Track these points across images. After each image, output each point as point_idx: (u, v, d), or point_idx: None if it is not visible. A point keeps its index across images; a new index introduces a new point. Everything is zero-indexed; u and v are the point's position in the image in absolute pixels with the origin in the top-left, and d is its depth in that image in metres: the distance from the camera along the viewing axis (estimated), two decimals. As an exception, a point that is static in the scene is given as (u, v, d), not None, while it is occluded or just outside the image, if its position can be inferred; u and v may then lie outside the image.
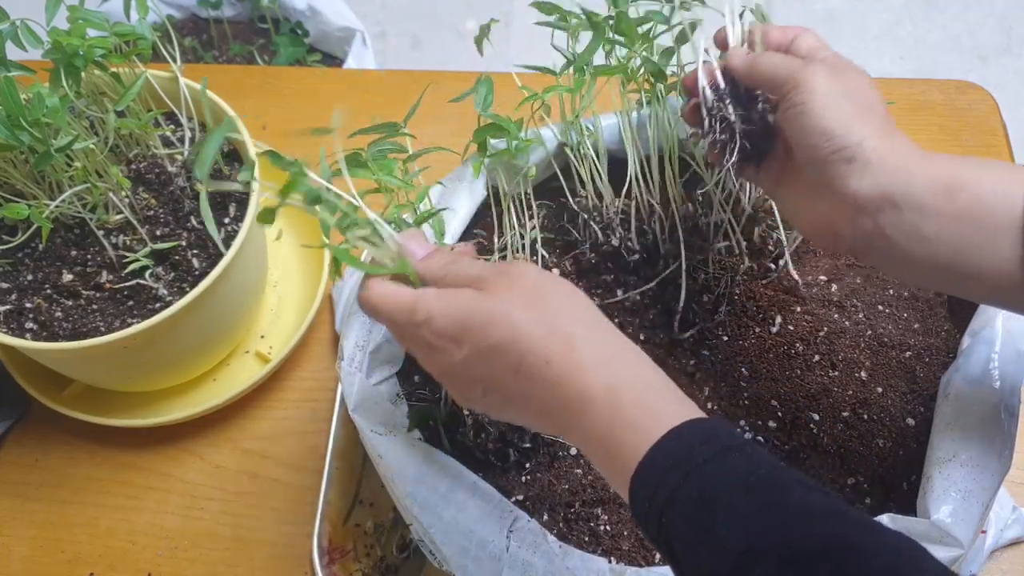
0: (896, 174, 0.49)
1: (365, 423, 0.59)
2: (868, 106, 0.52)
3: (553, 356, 0.46)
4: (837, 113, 0.51)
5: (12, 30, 0.66)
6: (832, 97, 0.51)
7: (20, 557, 0.75)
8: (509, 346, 0.46)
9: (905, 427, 0.61)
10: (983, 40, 1.99)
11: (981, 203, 0.47)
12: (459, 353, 0.47)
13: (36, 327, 0.69)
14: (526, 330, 0.46)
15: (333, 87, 1.03)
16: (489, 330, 0.46)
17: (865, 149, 0.50)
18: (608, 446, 0.45)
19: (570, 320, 0.47)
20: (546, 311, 0.47)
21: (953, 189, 0.48)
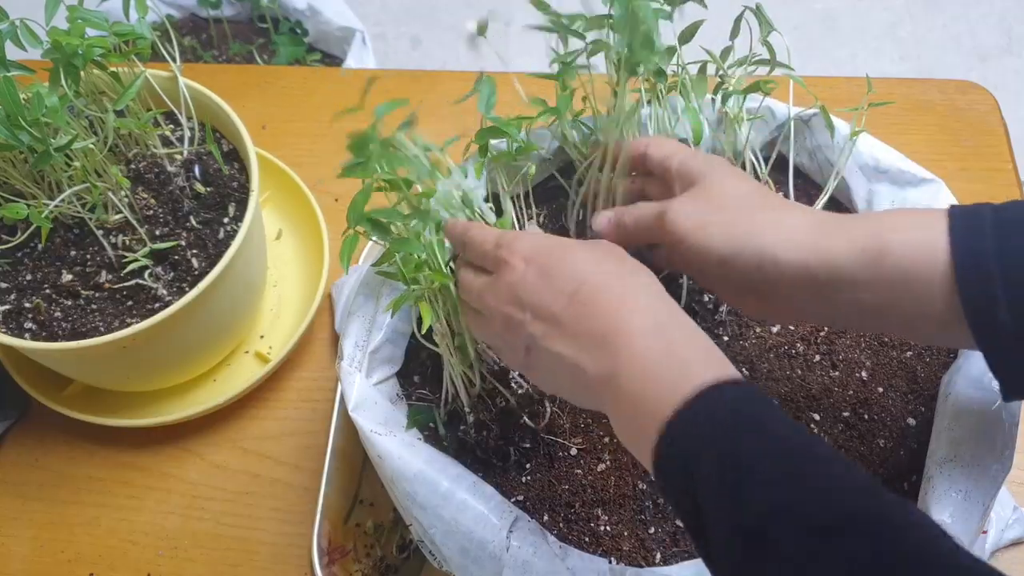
0: (816, 255, 0.49)
1: (365, 423, 0.59)
2: (743, 202, 0.53)
3: (612, 287, 0.48)
4: (722, 238, 0.51)
5: (11, 30, 0.66)
6: (707, 227, 0.52)
7: (20, 557, 0.75)
8: (572, 271, 0.49)
9: (905, 427, 0.61)
10: (983, 40, 1.99)
11: (905, 270, 0.47)
12: (523, 268, 0.50)
13: (35, 327, 0.69)
14: (592, 264, 0.50)
15: (333, 87, 1.03)
16: (561, 253, 0.50)
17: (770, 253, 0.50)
18: (646, 382, 0.45)
19: (632, 272, 0.50)
20: (617, 264, 0.51)
21: (878, 255, 0.48)
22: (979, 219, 0.47)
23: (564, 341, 0.48)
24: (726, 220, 0.52)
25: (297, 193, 0.88)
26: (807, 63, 1.84)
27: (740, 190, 0.53)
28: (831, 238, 0.49)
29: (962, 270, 0.45)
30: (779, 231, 0.50)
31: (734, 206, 0.52)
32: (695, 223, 0.52)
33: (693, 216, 0.52)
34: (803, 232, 0.50)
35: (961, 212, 0.48)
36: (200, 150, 0.76)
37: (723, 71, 0.67)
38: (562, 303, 0.48)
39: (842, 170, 0.68)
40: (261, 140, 0.83)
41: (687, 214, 0.53)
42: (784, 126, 0.71)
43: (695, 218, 0.52)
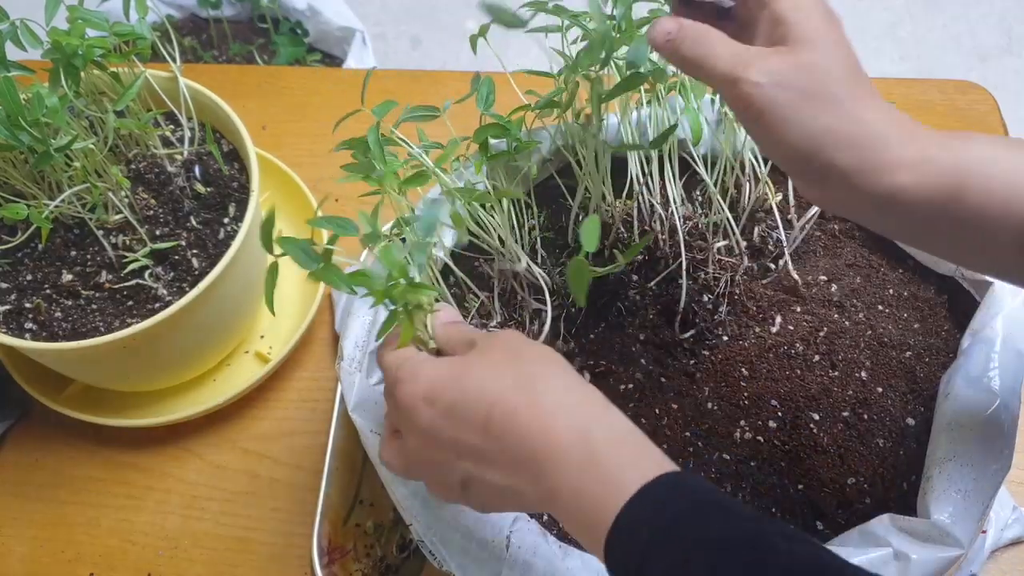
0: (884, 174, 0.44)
1: (365, 423, 0.59)
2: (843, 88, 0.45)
3: (520, 405, 0.45)
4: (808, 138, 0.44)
5: (12, 30, 0.66)
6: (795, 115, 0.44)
7: (20, 557, 0.75)
8: (477, 398, 0.46)
9: (905, 427, 0.61)
10: (983, 40, 1.99)
11: (983, 215, 0.44)
12: (429, 412, 0.47)
13: (36, 327, 0.69)
14: (495, 382, 0.46)
15: (333, 87, 1.03)
16: (460, 384, 0.47)
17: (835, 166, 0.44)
18: (580, 503, 0.43)
19: (540, 374, 0.47)
20: (516, 367, 0.47)
21: (958, 192, 0.44)
22: None
23: (495, 472, 0.46)
24: (810, 113, 0.44)
25: (297, 193, 0.88)
26: (807, 63, 1.84)
27: (838, 71, 0.45)
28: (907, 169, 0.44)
29: None
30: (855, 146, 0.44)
31: (825, 95, 0.44)
32: (773, 102, 0.44)
33: (776, 93, 0.44)
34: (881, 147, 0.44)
35: None
36: (200, 150, 0.76)
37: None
38: (479, 435, 0.46)
39: (842, 170, 0.68)
40: (261, 140, 0.83)
41: (770, 87, 0.44)
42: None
43: (777, 95, 0.44)
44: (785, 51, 0.45)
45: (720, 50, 0.46)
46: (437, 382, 0.48)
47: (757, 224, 0.69)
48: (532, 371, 0.47)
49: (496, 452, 0.46)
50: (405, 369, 0.49)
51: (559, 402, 0.46)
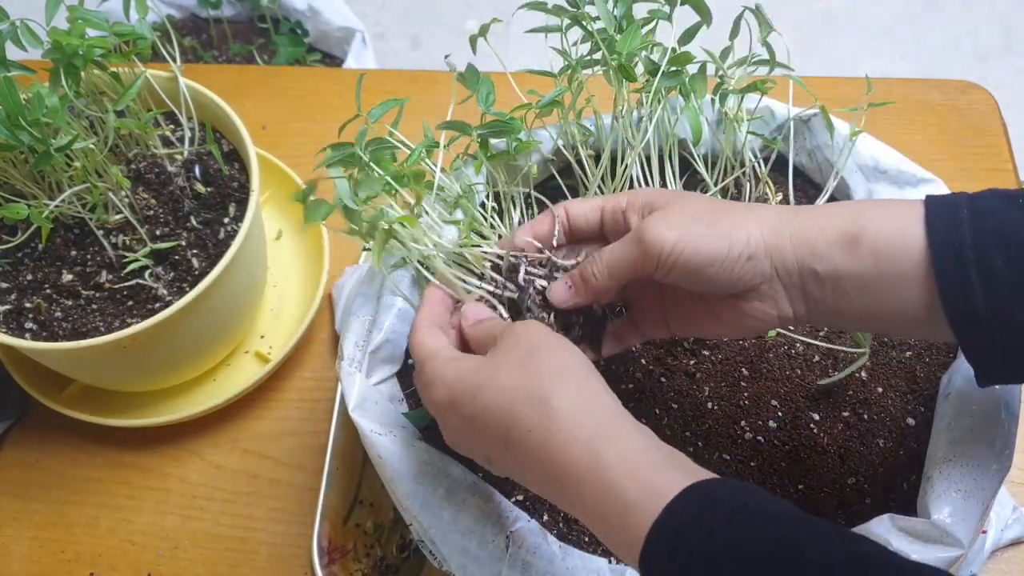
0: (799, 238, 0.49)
1: (365, 423, 0.59)
2: (715, 207, 0.51)
3: (534, 425, 0.46)
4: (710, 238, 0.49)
5: (12, 30, 0.66)
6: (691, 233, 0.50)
7: (20, 557, 0.75)
8: (495, 415, 0.47)
9: (905, 427, 0.61)
10: (983, 40, 1.99)
11: (880, 256, 0.48)
12: (454, 419, 0.50)
13: (36, 327, 0.69)
14: (509, 398, 0.47)
15: (333, 87, 1.03)
16: (479, 396, 0.48)
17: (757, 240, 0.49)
18: (604, 527, 0.44)
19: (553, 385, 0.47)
20: (530, 377, 0.47)
21: (854, 239, 0.48)
22: (955, 209, 0.47)
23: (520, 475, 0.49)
24: (708, 223, 0.50)
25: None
26: (807, 63, 1.84)
27: (705, 202, 0.53)
28: (809, 221, 0.49)
29: (939, 258, 0.46)
30: (761, 222, 0.50)
31: (710, 212, 0.51)
32: (679, 233, 0.49)
33: (674, 227, 0.50)
34: (783, 219, 0.50)
35: (938, 201, 0.48)
36: (200, 150, 0.76)
37: (723, 71, 0.67)
38: (499, 450, 0.48)
39: (841, 170, 0.68)
40: (261, 140, 0.83)
41: (667, 226, 0.50)
42: (784, 126, 0.71)
43: (677, 229, 0.50)
44: (659, 211, 0.52)
45: (614, 244, 0.53)
46: (457, 391, 0.49)
47: (757, 224, 0.69)
48: (545, 382, 0.47)
49: (516, 467, 0.48)
50: (429, 371, 0.51)
51: (571, 421, 0.46)
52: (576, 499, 0.45)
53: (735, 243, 0.49)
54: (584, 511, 0.45)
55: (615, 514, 0.43)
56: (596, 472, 0.44)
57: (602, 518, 0.44)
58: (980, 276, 0.45)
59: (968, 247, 0.45)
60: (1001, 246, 0.45)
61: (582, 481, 0.44)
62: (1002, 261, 0.45)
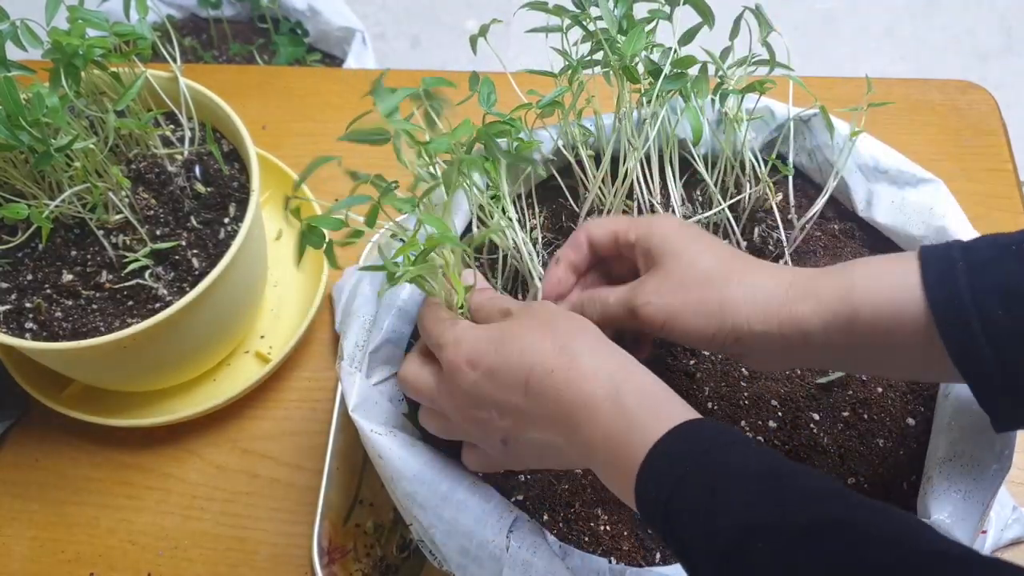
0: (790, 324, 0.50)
1: (365, 423, 0.59)
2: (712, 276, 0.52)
3: (557, 366, 0.49)
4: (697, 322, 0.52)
5: (12, 30, 0.66)
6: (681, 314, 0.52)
7: (20, 557, 0.75)
8: (518, 361, 0.49)
9: (905, 427, 0.61)
10: (983, 40, 1.99)
11: (878, 329, 0.48)
12: (472, 375, 0.51)
13: (36, 327, 0.69)
14: (533, 347, 0.50)
15: (333, 87, 1.03)
16: (501, 349, 0.50)
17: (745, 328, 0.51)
18: (612, 446, 0.46)
19: (575, 338, 0.50)
20: (553, 333, 0.50)
21: (849, 320, 0.49)
22: (950, 263, 0.47)
23: (535, 427, 0.50)
24: (698, 300, 0.52)
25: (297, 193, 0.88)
26: (807, 63, 1.84)
27: (706, 262, 0.53)
28: (801, 304, 0.50)
29: (942, 319, 0.46)
30: (751, 304, 0.51)
31: (703, 282, 0.52)
32: (668, 312, 0.52)
33: (664, 304, 0.52)
34: (773, 301, 0.51)
35: (932, 257, 0.48)
36: (201, 150, 0.76)
37: (723, 71, 0.67)
38: (519, 395, 0.49)
39: (841, 170, 0.68)
40: (261, 140, 0.83)
41: (658, 304, 0.52)
42: (784, 126, 0.71)
43: (666, 306, 0.52)
44: (655, 270, 0.54)
45: (612, 299, 0.55)
46: (479, 346, 0.51)
47: (757, 224, 0.69)
48: (567, 337, 0.50)
49: (535, 409, 0.49)
50: (448, 334, 0.53)
51: (593, 362, 0.49)
52: (588, 428, 0.47)
53: (723, 326, 0.51)
54: (593, 436, 0.47)
55: (622, 435, 0.46)
56: (612, 399, 0.47)
57: (608, 441, 0.46)
58: (983, 329, 0.45)
59: (968, 302, 0.46)
60: (999, 297, 0.45)
61: (597, 408, 0.47)
62: (1003, 312, 0.45)
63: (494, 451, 0.54)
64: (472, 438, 0.55)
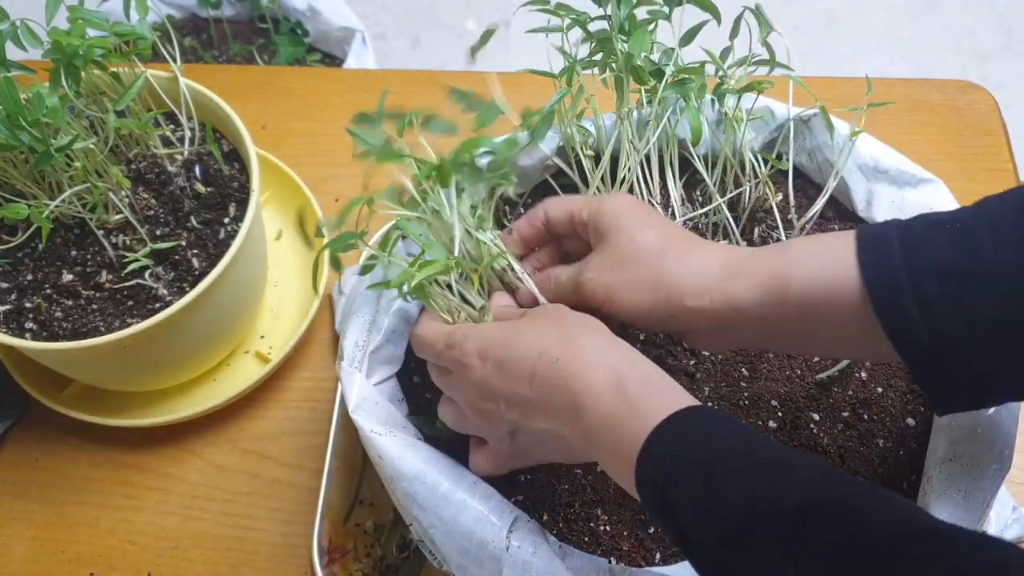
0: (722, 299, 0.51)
1: (365, 423, 0.59)
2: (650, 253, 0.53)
3: (563, 355, 0.50)
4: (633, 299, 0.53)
5: (12, 30, 0.66)
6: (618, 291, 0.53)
7: (20, 557, 0.75)
8: (525, 355, 0.50)
9: (905, 427, 0.61)
10: (983, 40, 1.99)
11: (809, 303, 0.49)
12: (482, 368, 0.52)
13: (36, 327, 0.69)
14: (540, 338, 0.51)
15: (333, 87, 1.03)
16: (509, 342, 0.51)
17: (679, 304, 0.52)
18: (614, 432, 0.47)
19: (581, 332, 0.51)
20: (560, 327, 0.52)
21: (781, 293, 0.49)
22: (886, 241, 0.47)
23: (539, 418, 0.51)
24: (633, 279, 0.53)
25: (297, 193, 0.88)
26: (807, 63, 1.84)
27: (647, 239, 0.54)
28: (733, 280, 0.51)
29: (877, 297, 0.46)
30: (684, 280, 0.52)
31: (641, 260, 0.53)
32: (606, 288, 0.54)
33: (603, 281, 0.54)
34: (707, 277, 0.51)
35: (868, 235, 0.48)
36: (201, 150, 0.76)
37: (723, 72, 0.67)
38: (526, 386, 0.50)
39: (841, 170, 0.68)
40: (261, 140, 0.83)
41: (598, 281, 0.54)
42: (784, 126, 0.71)
43: (605, 283, 0.54)
44: (600, 247, 0.55)
45: (564, 276, 0.57)
46: (489, 341, 0.52)
47: (757, 224, 0.69)
48: (574, 329, 0.52)
49: (541, 400, 0.50)
50: (456, 333, 0.54)
51: (597, 352, 0.50)
52: (591, 415, 0.48)
53: (658, 302, 0.52)
54: (596, 423, 0.48)
55: (624, 422, 0.47)
56: (615, 386, 0.48)
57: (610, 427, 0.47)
58: (919, 308, 0.45)
59: (903, 280, 0.46)
60: (935, 276, 0.45)
61: (601, 395, 0.48)
62: (938, 291, 0.45)
63: (502, 446, 0.55)
64: (481, 432, 0.56)
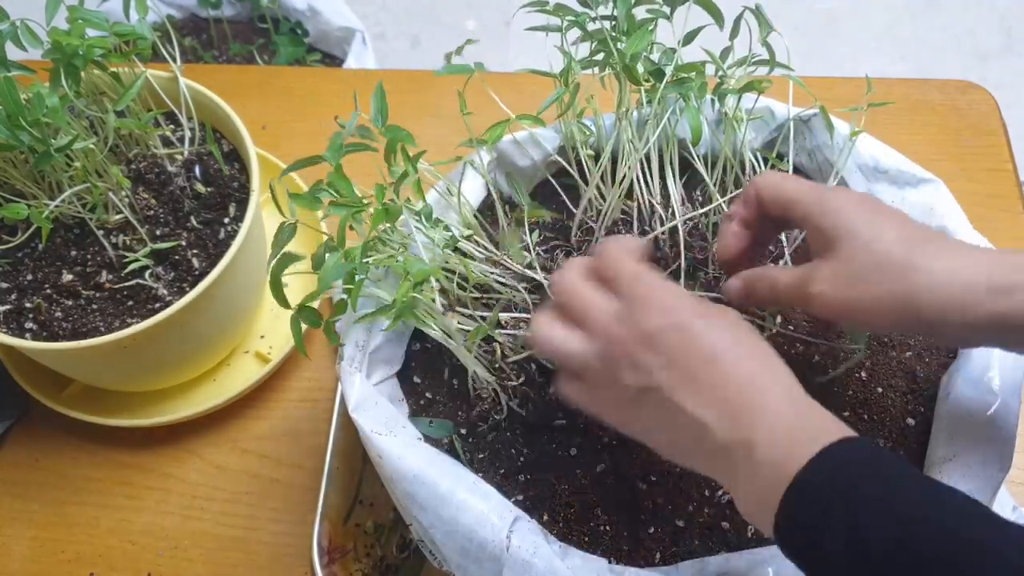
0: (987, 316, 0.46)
1: (365, 423, 0.59)
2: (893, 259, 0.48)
3: (747, 363, 0.47)
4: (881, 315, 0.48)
5: (12, 30, 0.66)
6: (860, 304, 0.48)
7: (20, 557, 0.75)
8: (713, 341, 0.47)
9: (905, 427, 0.61)
10: (983, 40, 1.99)
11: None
12: (662, 320, 0.48)
13: (36, 327, 0.69)
14: (729, 335, 0.48)
15: (333, 87, 1.03)
16: (700, 317, 0.48)
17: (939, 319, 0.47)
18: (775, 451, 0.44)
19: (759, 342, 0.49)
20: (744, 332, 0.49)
21: None
22: None
23: (695, 399, 0.47)
24: (876, 297, 0.47)
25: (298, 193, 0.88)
26: (807, 63, 1.84)
27: (886, 245, 0.48)
28: (1007, 296, 0.45)
29: None
30: (942, 296, 0.46)
31: (884, 273, 0.48)
32: (842, 305, 0.48)
33: (839, 298, 0.48)
34: (973, 292, 0.46)
35: None
36: (201, 150, 0.76)
37: (723, 72, 0.67)
38: (699, 365, 0.47)
39: (841, 170, 0.68)
40: (261, 140, 0.83)
41: (832, 295, 0.49)
42: (784, 126, 0.71)
43: (842, 300, 0.48)
44: (829, 256, 0.50)
45: (782, 282, 0.52)
46: (682, 303, 0.49)
47: (757, 224, 0.69)
48: (755, 343, 0.49)
49: (709, 385, 0.46)
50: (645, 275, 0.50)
51: (772, 370, 0.48)
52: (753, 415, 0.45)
53: (910, 320, 0.47)
54: (754, 436, 0.45)
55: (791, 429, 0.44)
56: (788, 399, 0.46)
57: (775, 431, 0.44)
58: None
59: None
60: None
61: (775, 403, 0.45)
62: None
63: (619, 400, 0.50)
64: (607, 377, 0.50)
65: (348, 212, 0.54)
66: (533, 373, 0.64)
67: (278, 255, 0.55)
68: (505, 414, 0.63)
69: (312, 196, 0.55)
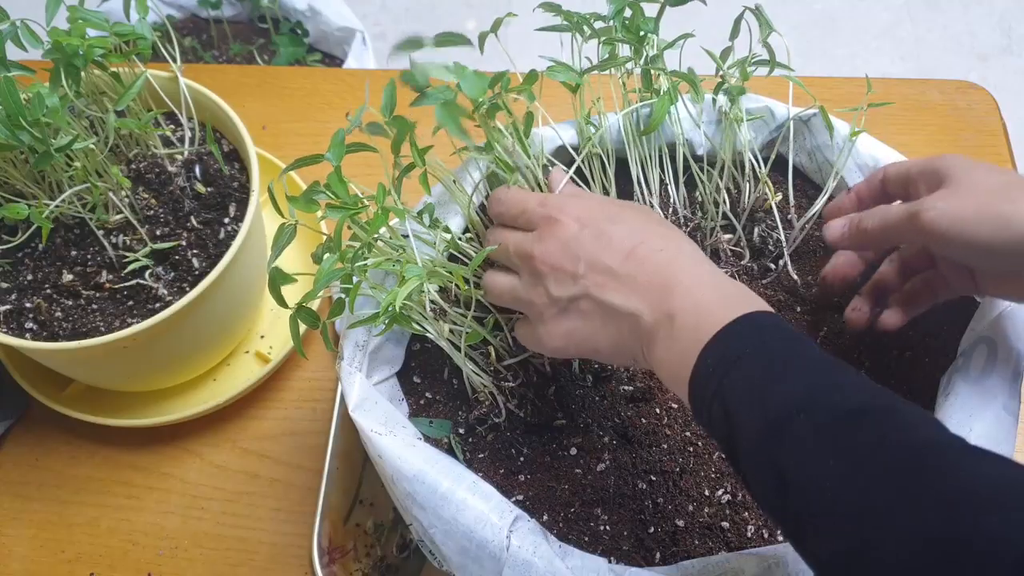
0: None
1: (365, 423, 0.59)
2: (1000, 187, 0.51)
3: (666, 247, 0.52)
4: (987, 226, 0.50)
5: (12, 30, 0.66)
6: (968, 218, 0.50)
7: (20, 557, 0.75)
8: (627, 233, 0.53)
9: (905, 427, 0.61)
10: (983, 40, 1.99)
11: None
12: (577, 228, 0.54)
13: (36, 327, 0.69)
14: (642, 225, 0.54)
15: (333, 87, 1.03)
16: (612, 216, 0.54)
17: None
18: (699, 316, 0.48)
19: (684, 238, 0.55)
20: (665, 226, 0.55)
21: None
22: None
23: (620, 292, 0.51)
24: (982, 212, 0.50)
25: (297, 193, 0.88)
26: (807, 63, 1.84)
27: (995, 178, 0.52)
28: None
29: None
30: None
31: (993, 194, 0.50)
32: (952, 218, 0.51)
33: (949, 209, 0.51)
34: None
35: None
36: (201, 150, 0.76)
37: (723, 71, 0.67)
38: (619, 260, 0.52)
39: (841, 170, 0.68)
40: (261, 140, 0.84)
41: (944, 209, 0.51)
42: (784, 126, 0.71)
43: (952, 212, 0.51)
44: (943, 186, 0.53)
45: (893, 211, 0.55)
46: (592, 211, 0.55)
47: (757, 224, 0.69)
48: (678, 233, 0.55)
49: (628, 275, 0.52)
50: (558, 197, 0.57)
51: (698, 257, 0.53)
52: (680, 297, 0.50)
53: (1008, 239, 0.49)
54: (683, 305, 0.49)
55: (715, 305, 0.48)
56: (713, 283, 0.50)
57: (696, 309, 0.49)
58: None
59: None
60: None
61: (700, 284, 0.50)
62: None
63: (545, 314, 0.54)
64: (530, 295, 0.55)
65: (344, 215, 0.54)
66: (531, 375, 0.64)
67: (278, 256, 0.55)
68: (504, 416, 0.63)
69: (308, 198, 0.55)
